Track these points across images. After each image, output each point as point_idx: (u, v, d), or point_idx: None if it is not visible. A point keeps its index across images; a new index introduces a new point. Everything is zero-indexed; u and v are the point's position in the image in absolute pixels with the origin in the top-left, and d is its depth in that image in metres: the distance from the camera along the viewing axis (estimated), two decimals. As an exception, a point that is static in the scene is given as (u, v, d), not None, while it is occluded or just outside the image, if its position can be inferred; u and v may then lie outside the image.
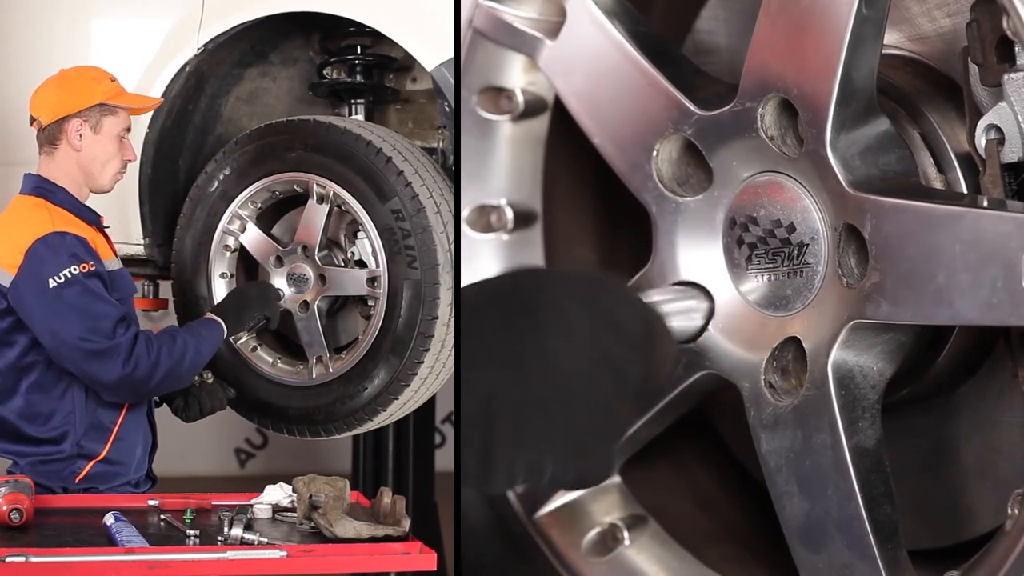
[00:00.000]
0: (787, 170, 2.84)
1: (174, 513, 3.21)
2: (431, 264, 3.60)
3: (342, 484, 3.04)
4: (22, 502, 3.02)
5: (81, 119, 3.56)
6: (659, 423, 3.20)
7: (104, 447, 3.51)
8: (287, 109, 4.32)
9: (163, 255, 4.20)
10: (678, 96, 2.98)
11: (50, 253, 3.40)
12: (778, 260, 2.87)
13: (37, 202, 3.54)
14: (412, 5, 3.74)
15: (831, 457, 2.75)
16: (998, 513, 2.69)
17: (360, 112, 4.19)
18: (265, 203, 3.92)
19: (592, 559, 3.31)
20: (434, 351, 3.68)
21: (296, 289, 3.84)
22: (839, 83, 2.66)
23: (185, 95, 4.13)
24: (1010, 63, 2.52)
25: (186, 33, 4.02)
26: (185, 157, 4.23)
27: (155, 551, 2.87)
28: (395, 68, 4.21)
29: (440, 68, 3.58)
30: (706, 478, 3.48)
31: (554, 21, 3.17)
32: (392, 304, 3.64)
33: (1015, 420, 2.84)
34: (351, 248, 3.88)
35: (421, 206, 3.61)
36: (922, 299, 2.54)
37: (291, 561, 2.84)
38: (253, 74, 4.29)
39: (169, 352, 3.43)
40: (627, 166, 3.08)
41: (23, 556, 2.75)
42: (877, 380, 2.77)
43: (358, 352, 3.75)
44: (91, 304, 3.38)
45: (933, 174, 2.81)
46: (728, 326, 3.00)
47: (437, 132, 4.11)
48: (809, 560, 2.84)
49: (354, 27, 3.89)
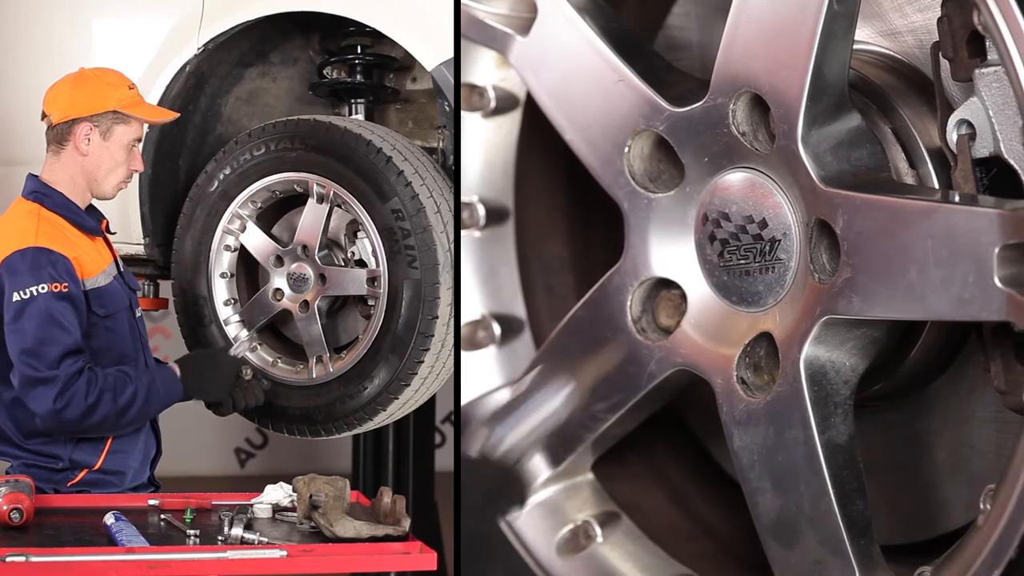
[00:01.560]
0: (759, 166, 2.84)
1: (174, 513, 3.20)
2: (431, 264, 3.59)
3: (342, 484, 3.03)
4: (22, 502, 3.01)
5: (92, 124, 3.49)
6: (632, 420, 3.19)
7: (98, 459, 3.47)
8: (287, 109, 4.31)
9: (163, 255, 4.18)
10: (649, 92, 2.97)
11: (24, 266, 3.34)
12: (750, 256, 2.87)
13: (31, 208, 3.48)
14: (412, 5, 3.73)
15: (803, 453, 2.75)
16: (970, 508, 2.70)
17: (360, 112, 4.18)
18: (265, 203, 3.90)
19: (565, 556, 3.31)
20: (434, 351, 3.67)
21: (296, 289, 3.83)
22: (810, 79, 2.66)
23: (185, 95, 4.11)
24: (981, 58, 2.52)
25: (186, 33, 4.00)
26: (185, 157, 4.21)
27: (155, 551, 2.86)
28: (395, 68, 4.20)
29: (440, 68, 3.57)
30: (679, 474, 3.48)
31: (525, 17, 3.16)
32: (392, 304, 3.63)
33: (987, 415, 2.84)
34: (351, 248, 3.87)
35: (421, 206, 3.60)
36: (894, 295, 2.54)
37: (291, 561, 2.83)
38: (253, 74, 4.28)
39: (113, 398, 3.33)
40: (599, 162, 3.08)
41: (23, 556, 2.73)
42: (849, 376, 2.77)
43: (358, 352, 3.73)
44: (44, 327, 3.30)
45: (905, 169, 2.81)
46: (700, 322, 3.00)
47: (437, 132, 4.09)
48: (782, 556, 2.84)
49: (354, 27, 3.88)
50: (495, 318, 3.53)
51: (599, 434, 3.20)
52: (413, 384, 3.70)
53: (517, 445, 3.29)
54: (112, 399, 3.32)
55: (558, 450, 3.29)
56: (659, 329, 3.10)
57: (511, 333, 3.54)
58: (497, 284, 3.55)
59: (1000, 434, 2.82)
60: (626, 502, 3.37)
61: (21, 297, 3.31)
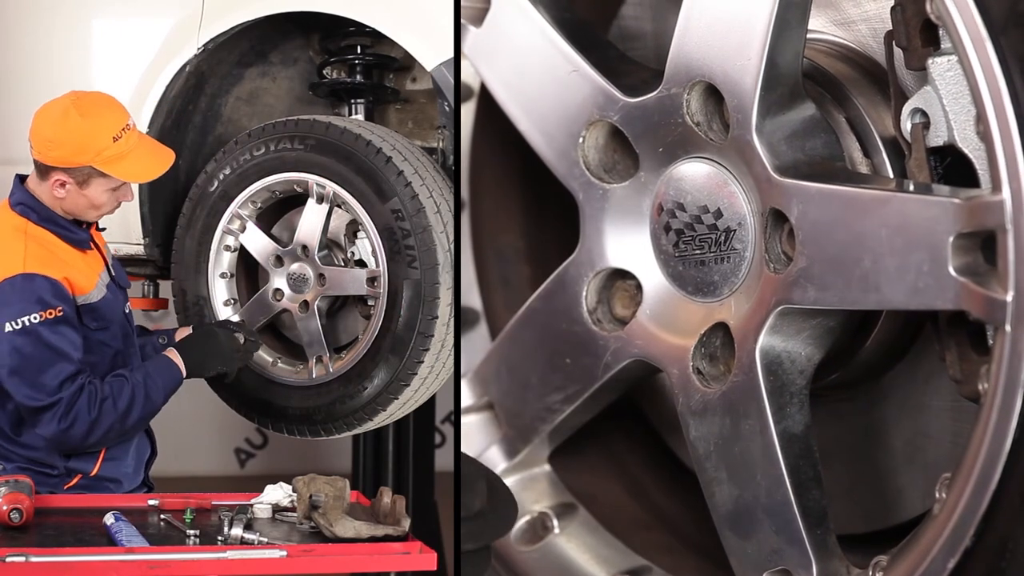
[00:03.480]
0: (713, 156, 2.84)
1: (174, 513, 3.18)
2: (431, 264, 3.57)
3: (342, 484, 3.02)
4: (22, 502, 2.99)
5: (67, 175, 3.37)
6: (588, 410, 3.19)
7: (94, 466, 3.44)
8: (287, 109, 4.29)
9: (163, 255, 4.15)
10: (603, 83, 2.97)
11: (14, 296, 3.27)
12: (705, 246, 2.87)
13: (17, 224, 3.38)
14: (412, 5, 3.71)
15: (760, 443, 2.76)
16: (927, 497, 2.70)
17: (360, 112, 4.16)
18: (265, 203, 3.88)
19: (522, 547, 3.30)
20: (434, 351, 3.66)
21: (296, 289, 3.81)
22: (764, 68, 2.67)
23: (185, 95, 4.08)
24: (934, 47, 2.52)
25: (186, 33, 3.98)
26: (185, 157, 4.18)
27: (155, 551, 2.85)
28: (395, 68, 4.18)
29: (440, 68, 3.55)
30: (636, 465, 3.48)
31: (478, 8, 3.15)
32: (392, 304, 3.61)
33: (943, 404, 2.86)
34: (351, 248, 3.85)
35: (421, 206, 3.58)
36: (849, 284, 2.54)
37: (291, 561, 2.82)
38: (253, 74, 4.26)
39: (113, 405, 3.30)
40: (553, 153, 3.08)
41: (23, 556, 2.72)
42: (805, 365, 2.78)
43: (358, 352, 3.72)
44: (41, 358, 3.26)
45: (859, 158, 2.81)
46: (656, 313, 3.00)
47: (437, 132, 4.07)
48: (738, 546, 2.85)
49: (354, 27, 3.86)
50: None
51: (555, 425, 3.20)
52: (413, 384, 3.69)
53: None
54: (112, 405, 3.30)
55: (515, 441, 3.28)
56: (615, 320, 3.10)
57: (467, 324, 3.53)
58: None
59: (955, 423, 2.83)
60: (583, 493, 3.37)
61: (14, 328, 3.24)
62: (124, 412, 3.32)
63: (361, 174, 3.61)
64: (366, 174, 3.61)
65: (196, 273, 3.93)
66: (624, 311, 3.08)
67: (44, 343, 3.25)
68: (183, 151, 4.15)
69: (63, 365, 3.26)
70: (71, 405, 3.24)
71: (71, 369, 3.26)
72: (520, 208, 3.55)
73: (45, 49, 4.29)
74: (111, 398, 3.30)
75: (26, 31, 4.35)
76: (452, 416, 7.98)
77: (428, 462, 5.69)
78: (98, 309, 3.41)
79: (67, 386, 3.25)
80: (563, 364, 3.13)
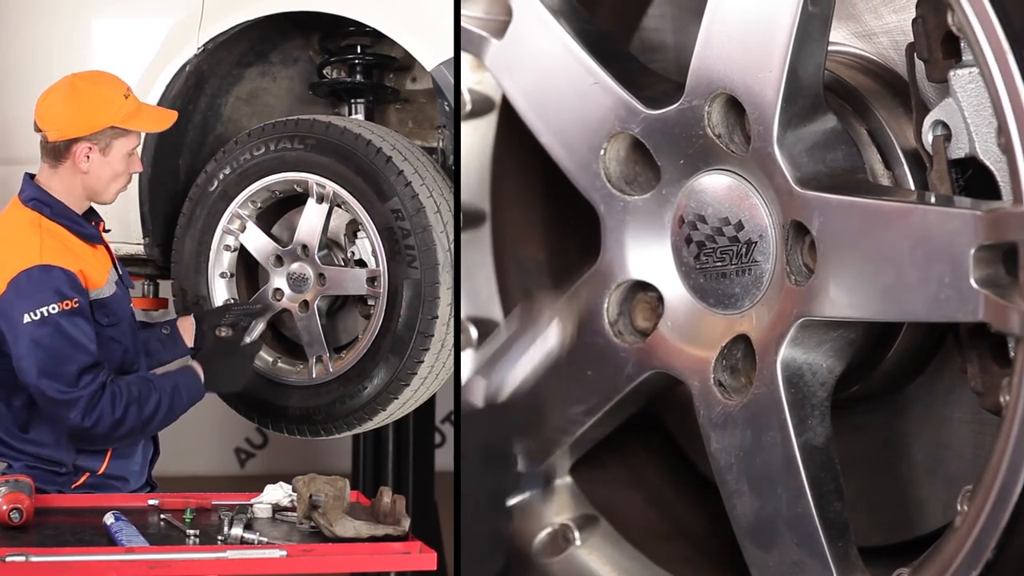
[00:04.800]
0: (735, 168, 2.84)
1: (174, 513, 3.19)
2: (431, 264, 3.58)
3: (342, 484, 3.03)
4: (22, 502, 3.00)
5: (90, 143, 3.44)
6: (610, 422, 3.19)
7: (102, 464, 3.45)
8: (287, 109, 4.30)
9: (163, 255, 4.17)
10: (625, 95, 2.97)
11: (31, 287, 3.29)
12: (727, 258, 2.86)
13: (32, 218, 3.42)
14: (412, 5, 3.72)
15: (781, 455, 2.75)
16: (948, 510, 2.70)
17: (360, 112, 4.17)
18: (265, 203, 3.89)
19: (543, 559, 3.30)
20: (434, 351, 3.66)
21: (296, 289, 3.82)
22: (785, 81, 2.66)
23: (185, 95, 4.09)
24: (956, 59, 2.52)
25: (186, 33, 3.99)
26: (185, 157, 4.20)
27: (155, 551, 2.85)
28: (395, 68, 4.19)
29: (440, 68, 3.56)
30: (657, 477, 3.47)
31: (500, 20, 3.15)
32: (392, 304, 3.62)
33: (964, 417, 2.85)
34: (351, 248, 3.86)
35: (421, 206, 3.59)
36: (870, 296, 2.54)
37: (291, 561, 2.83)
38: (253, 74, 4.27)
39: (139, 410, 3.31)
40: (575, 165, 3.08)
41: (23, 556, 2.73)
42: (826, 377, 2.77)
43: (358, 352, 3.72)
44: (58, 348, 3.27)
45: (880, 171, 2.81)
46: (677, 325, 2.99)
47: (437, 132, 4.08)
48: (760, 558, 2.84)
49: (354, 27, 3.87)
50: (472, 321, 3.52)
51: (577, 437, 3.20)
52: (413, 384, 3.69)
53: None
54: (138, 411, 3.31)
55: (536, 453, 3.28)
56: (636, 332, 3.09)
57: (488, 336, 3.53)
58: (474, 287, 3.54)
59: (977, 435, 2.82)
60: (604, 505, 3.36)
61: (32, 318, 3.26)
62: (148, 418, 3.34)
63: (361, 174, 3.62)
64: (366, 174, 3.62)
65: (196, 273, 3.95)
66: (645, 323, 3.08)
67: (62, 333, 3.26)
68: (183, 151, 4.17)
69: (82, 356, 3.27)
70: (92, 403, 3.25)
71: (89, 360, 3.27)
72: (541, 220, 3.55)
73: (45, 49, 4.31)
74: (138, 403, 3.31)
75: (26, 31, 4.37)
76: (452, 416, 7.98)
77: (428, 462, 5.69)
78: (109, 304, 3.43)
79: (86, 378, 3.26)
80: (584, 376, 3.13)
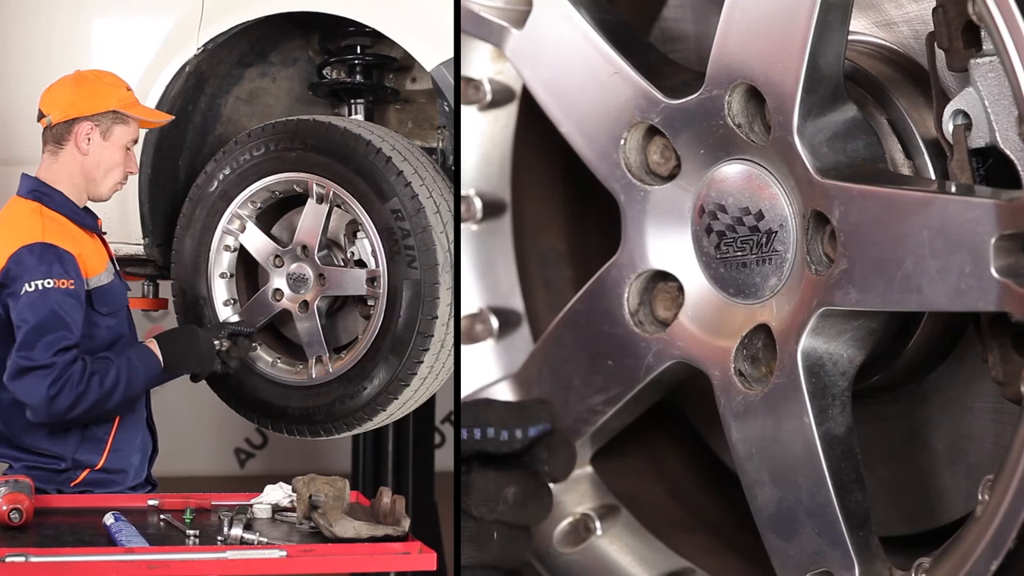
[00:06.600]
0: (755, 157, 2.83)
1: (174, 513, 3.21)
2: (431, 264, 3.59)
3: (342, 484, 3.04)
4: (22, 502, 3.02)
5: (93, 123, 3.51)
6: (630, 412, 3.19)
7: (100, 458, 3.48)
8: (287, 109, 4.32)
9: (163, 255, 4.19)
10: (645, 85, 2.97)
11: (33, 260, 3.35)
12: (747, 248, 2.86)
13: (33, 207, 3.48)
14: (412, 5, 3.73)
15: (801, 445, 2.75)
16: (969, 499, 2.70)
17: (360, 112, 4.19)
18: (265, 203, 3.91)
19: (564, 549, 3.31)
20: (434, 351, 3.67)
21: (296, 289, 3.83)
22: (805, 70, 2.66)
23: (185, 95, 4.12)
24: (976, 48, 2.51)
25: (186, 33, 4.01)
26: (185, 157, 4.22)
27: (155, 551, 2.87)
28: (395, 68, 4.21)
29: (440, 68, 3.58)
30: (678, 467, 3.47)
31: (520, 10, 3.15)
32: (392, 304, 3.63)
33: (985, 406, 2.84)
34: (351, 248, 3.87)
35: (421, 206, 3.60)
36: (891, 285, 2.54)
37: (291, 561, 2.84)
38: (253, 74, 4.29)
39: (100, 382, 3.35)
40: (595, 155, 3.08)
41: (23, 556, 2.75)
42: (847, 367, 2.77)
43: (358, 352, 3.74)
44: (46, 321, 3.31)
45: (901, 160, 2.80)
46: (698, 314, 2.99)
47: (437, 132, 4.10)
48: (781, 548, 2.84)
49: (354, 27, 3.89)
50: (493, 311, 3.52)
51: (597, 427, 3.20)
52: (413, 384, 3.70)
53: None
54: (99, 383, 3.33)
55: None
56: (656, 321, 3.09)
57: (509, 326, 3.53)
58: (495, 277, 3.54)
59: (998, 424, 2.82)
60: (625, 495, 3.36)
61: (28, 290, 3.31)
62: (108, 391, 3.35)
63: (361, 174, 3.64)
64: (366, 174, 3.63)
65: (196, 273, 3.97)
66: (666, 313, 3.08)
67: (53, 308, 3.31)
68: (183, 151, 4.19)
69: (64, 334, 3.31)
70: (63, 372, 3.28)
71: (70, 341, 3.30)
72: (562, 210, 3.55)
73: (45, 49, 4.33)
74: (98, 375, 3.34)
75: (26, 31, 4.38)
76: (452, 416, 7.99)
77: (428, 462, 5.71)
78: (107, 293, 3.47)
79: (62, 354, 3.28)
80: (605, 366, 3.13)
